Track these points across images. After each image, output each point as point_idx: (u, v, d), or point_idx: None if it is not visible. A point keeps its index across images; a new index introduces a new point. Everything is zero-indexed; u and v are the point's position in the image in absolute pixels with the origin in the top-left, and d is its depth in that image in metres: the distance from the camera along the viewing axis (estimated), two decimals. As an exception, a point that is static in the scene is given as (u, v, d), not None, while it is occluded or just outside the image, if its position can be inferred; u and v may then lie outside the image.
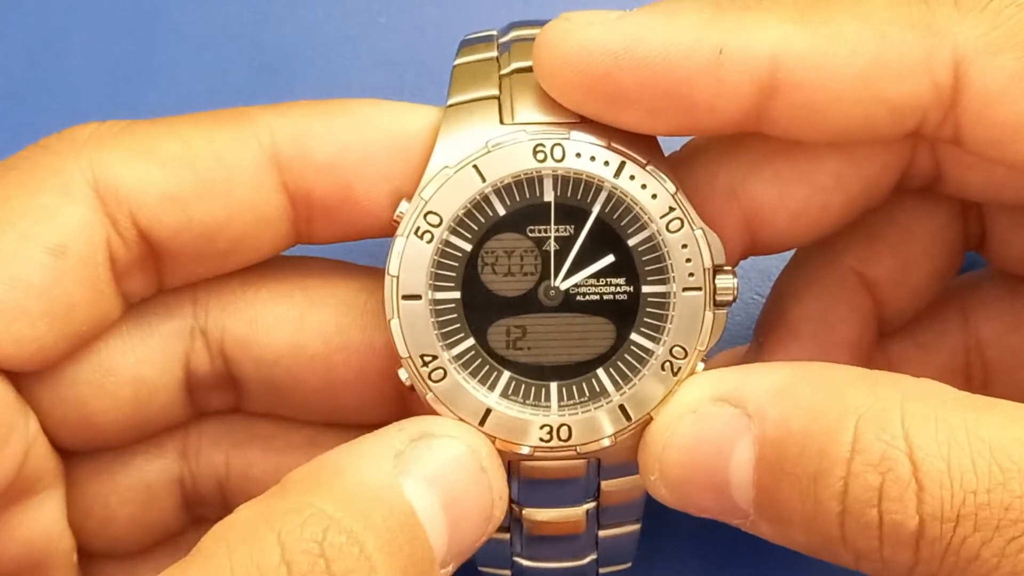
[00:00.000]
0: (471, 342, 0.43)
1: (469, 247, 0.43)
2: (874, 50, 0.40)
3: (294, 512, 0.37)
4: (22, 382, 0.43)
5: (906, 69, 0.40)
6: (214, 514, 0.49)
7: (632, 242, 0.43)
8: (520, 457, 0.42)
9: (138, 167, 0.43)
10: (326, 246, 0.46)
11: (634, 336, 0.43)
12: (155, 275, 0.45)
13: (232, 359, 0.46)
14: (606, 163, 0.42)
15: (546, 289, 0.43)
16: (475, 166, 0.42)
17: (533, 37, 0.42)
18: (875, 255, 0.48)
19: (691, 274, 0.43)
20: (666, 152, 0.44)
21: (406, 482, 0.39)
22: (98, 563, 0.47)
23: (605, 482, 0.44)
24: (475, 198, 0.42)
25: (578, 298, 0.43)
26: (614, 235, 0.43)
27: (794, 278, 0.50)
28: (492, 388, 0.43)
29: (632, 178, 0.42)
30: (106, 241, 0.43)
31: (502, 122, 0.43)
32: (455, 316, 0.43)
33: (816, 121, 0.41)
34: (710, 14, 0.40)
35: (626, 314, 0.43)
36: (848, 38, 0.40)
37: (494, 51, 0.44)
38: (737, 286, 0.43)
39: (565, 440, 0.42)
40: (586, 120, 0.42)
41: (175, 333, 0.46)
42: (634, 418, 0.42)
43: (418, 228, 0.42)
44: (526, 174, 0.42)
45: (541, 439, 0.42)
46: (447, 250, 0.42)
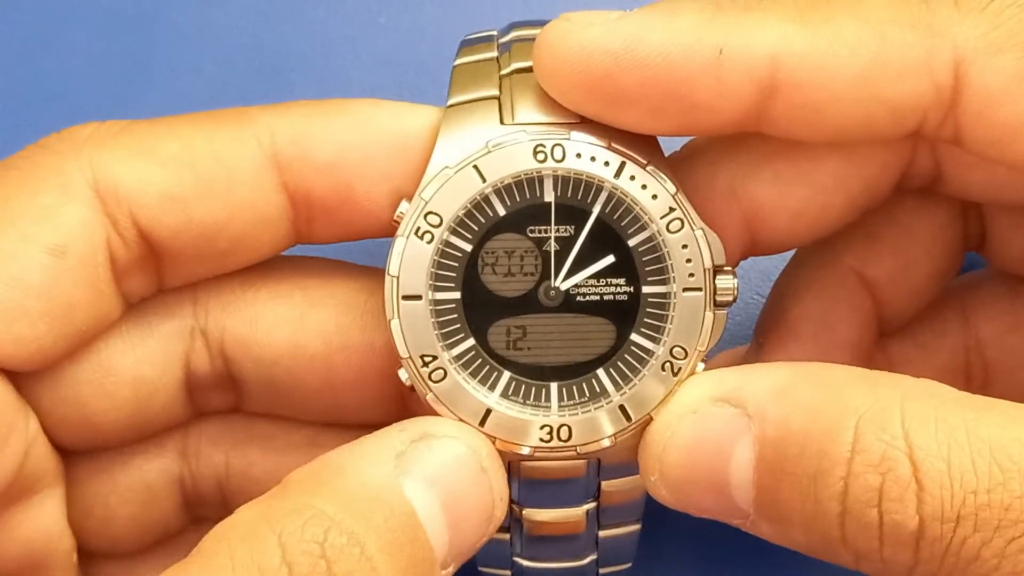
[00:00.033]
0: (471, 342, 0.43)
1: (469, 247, 0.43)
2: (874, 50, 0.40)
3: (295, 513, 0.37)
4: (22, 382, 0.43)
5: (906, 69, 0.40)
6: (214, 514, 0.49)
7: (632, 242, 0.43)
8: (520, 457, 0.42)
9: (138, 167, 0.43)
10: (326, 246, 0.46)
11: (634, 336, 0.43)
12: (155, 275, 0.45)
13: (232, 359, 0.46)
14: (606, 163, 0.42)
15: (546, 289, 0.43)
16: (475, 166, 0.42)
17: (533, 37, 0.42)
18: (875, 255, 0.48)
19: (691, 274, 0.42)
20: (666, 152, 0.44)
21: (407, 483, 0.39)
22: (98, 563, 0.47)
23: (605, 482, 0.44)
24: (475, 198, 0.42)
25: (578, 298, 0.43)
26: (614, 235, 0.43)
27: (794, 278, 0.50)
28: (492, 388, 0.43)
29: (632, 178, 0.42)
30: (106, 241, 0.43)
31: (502, 122, 0.43)
32: (455, 316, 0.43)
33: (816, 121, 0.41)
34: (710, 14, 0.40)
35: (626, 314, 0.43)
36: (848, 38, 0.40)
37: (494, 51, 0.44)
38: (737, 286, 0.43)
39: (565, 440, 0.42)
40: (586, 120, 0.42)
41: (175, 333, 0.46)
42: (634, 418, 0.42)
43: (418, 228, 0.42)
44: (526, 174, 0.42)
45: (541, 439, 0.42)
46: (447, 250, 0.42)
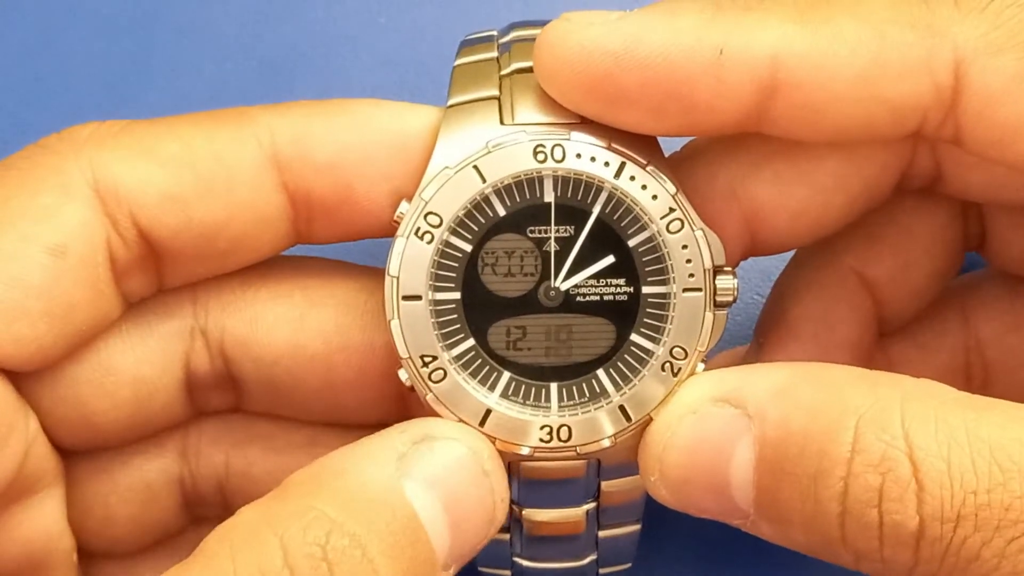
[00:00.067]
0: (471, 343, 0.43)
1: (469, 248, 0.43)
2: (874, 50, 0.40)
3: (297, 515, 0.37)
4: (22, 382, 0.43)
5: (906, 69, 0.40)
6: (214, 514, 0.49)
7: (632, 243, 0.43)
8: (520, 458, 0.42)
9: (138, 167, 0.43)
10: (326, 246, 0.46)
11: (634, 337, 0.43)
12: (155, 275, 0.45)
13: (232, 359, 0.46)
14: (606, 164, 0.42)
15: (546, 290, 0.43)
16: (475, 166, 0.42)
17: (533, 37, 0.42)
18: (875, 255, 0.48)
19: (691, 275, 0.42)
20: (666, 152, 0.44)
21: (408, 485, 0.39)
22: (98, 562, 0.47)
23: (605, 482, 0.44)
24: (475, 198, 0.42)
25: (578, 299, 0.43)
26: (614, 236, 0.43)
27: (794, 278, 0.50)
28: (492, 389, 0.43)
29: (632, 179, 0.42)
30: (106, 241, 0.43)
31: (502, 122, 0.43)
32: (455, 317, 0.43)
33: (816, 121, 0.41)
34: (710, 14, 0.40)
35: (626, 315, 0.43)
36: (848, 38, 0.40)
37: (494, 51, 0.44)
38: (737, 287, 0.43)
39: (565, 441, 0.42)
40: (586, 121, 0.42)
41: (175, 333, 0.46)
42: (634, 419, 0.42)
43: (418, 228, 0.42)
44: (526, 175, 0.42)
45: (541, 440, 0.42)
46: (447, 250, 0.42)
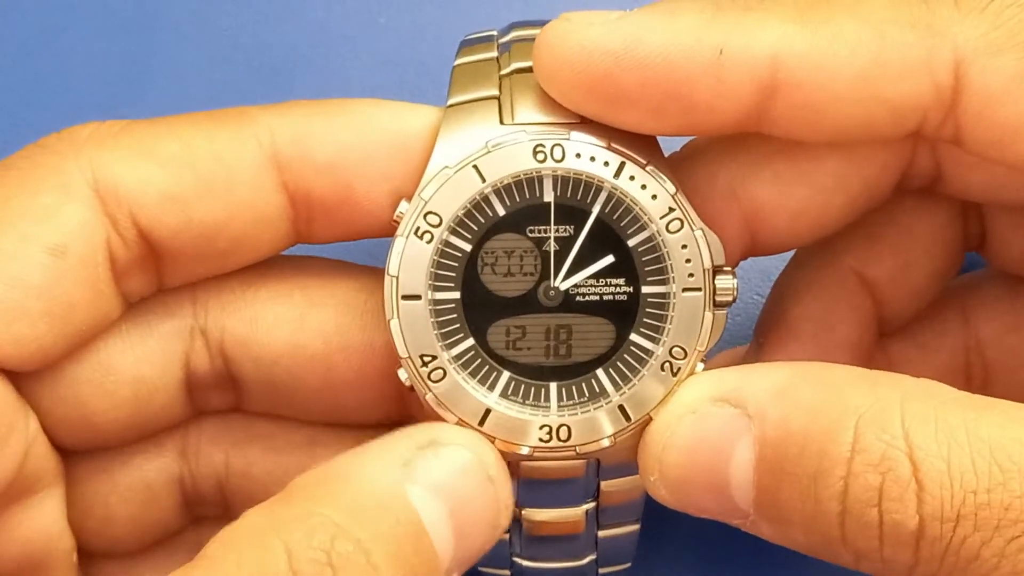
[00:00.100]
0: (471, 342, 0.43)
1: (469, 247, 0.43)
2: (874, 50, 0.40)
3: (301, 520, 0.36)
4: (22, 382, 0.43)
5: (906, 69, 0.40)
6: (214, 513, 0.49)
7: (632, 242, 0.43)
8: (520, 457, 0.42)
9: (138, 167, 0.43)
10: (326, 246, 0.46)
11: (634, 336, 0.43)
12: (155, 275, 0.45)
13: (232, 359, 0.46)
14: (606, 163, 0.42)
15: (546, 289, 0.43)
16: (475, 166, 0.42)
17: (533, 37, 0.42)
18: (875, 255, 0.48)
19: (691, 275, 0.42)
20: (666, 152, 0.44)
21: (413, 490, 0.39)
22: (98, 562, 0.47)
23: (605, 482, 0.44)
24: (475, 198, 0.42)
25: (578, 298, 0.43)
26: (614, 235, 0.43)
27: (794, 278, 0.50)
28: (492, 388, 0.43)
29: (632, 178, 0.42)
30: (106, 241, 0.43)
31: (502, 122, 0.43)
32: (455, 316, 0.42)
33: (816, 121, 0.41)
34: (710, 14, 0.40)
35: (626, 314, 0.43)
36: (848, 38, 0.40)
37: (494, 51, 0.44)
38: (737, 286, 0.43)
39: (564, 440, 0.42)
40: (586, 120, 0.42)
41: (175, 332, 0.46)
42: (634, 418, 0.42)
43: (418, 228, 0.42)
44: (526, 174, 0.42)
45: (540, 439, 0.42)
46: (447, 250, 0.42)
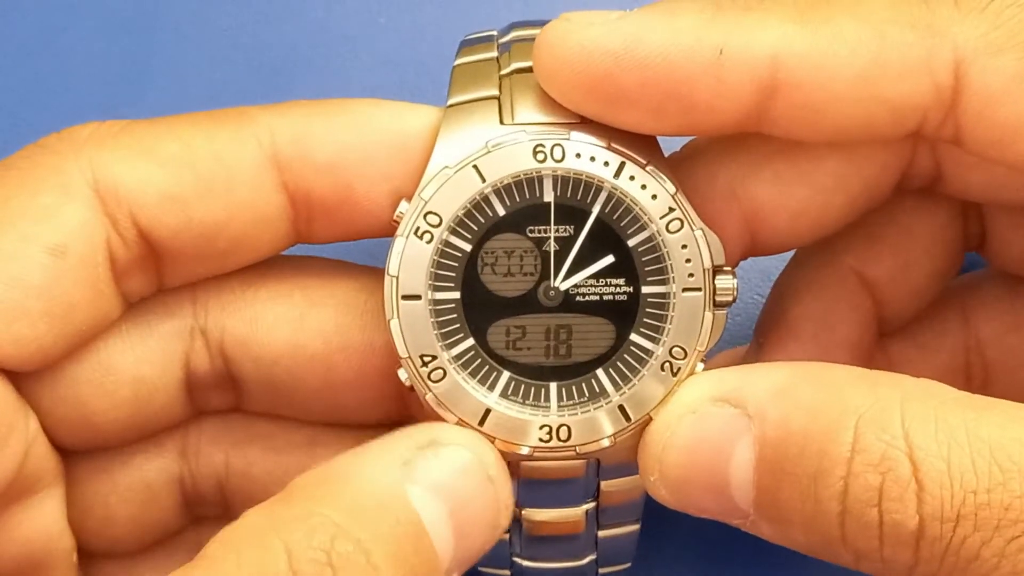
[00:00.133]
0: (471, 342, 0.43)
1: (469, 247, 0.43)
2: (874, 50, 0.40)
3: (301, 520, 0.36)
4: (22, 382, 0.43)
5: (906, 69, 0.40)
6: (214, 513, 0.49)
7: (632, 242, 0.43)
8: (520, 457, 0.42)
9: (138, 167, 0.43)
10: (326, 246, 0.46)
11: (634, 336, 0.43)
12: (155, 275, 0.45)
13: (232, 358, 0.46)
14: (606, 163, 0.42)
15: (546, 289, 0.43)
16: (475, 166, 0.42)
17: (533, 37, 0.42)
18: (875, 255, 0.48)
19: (691, 274, 0.42)
20: (666, 152, 0.44)
21: (413, 490, 0.39)
22: (98, 562, 0.47)
23: (605, 482, 0.44)
24: (475, 198, 0.42)
25: (578, 298, 0.43)
26: (614, 235, 0.43)
27: (794, 278, 0.50)
28: (492, 388, 0.43)
29: (632, 178, 0.42)
30: (106, 241, 0.43)
31: (502, 122, 0.43)
32: (455, 316, 0.42)
33: (816, 121, 0.41)
34: (710, 14, 0.40)
35: (626, 314, 0.43)
36: (848, 38, 0.40)
37: (494, 51, 0.44)
38: (737, 286, 0.43)
39: (564, 440, 0.42)
40: (586, 120, 0.42)
41: (175, 332, 0.46)
42: (634, 418, 0.42)
43: (418, 228, 0.42)
44: (526, 174, 0.42)
45: (540, 439, 0.42)
46: (447, 250, 0.42)
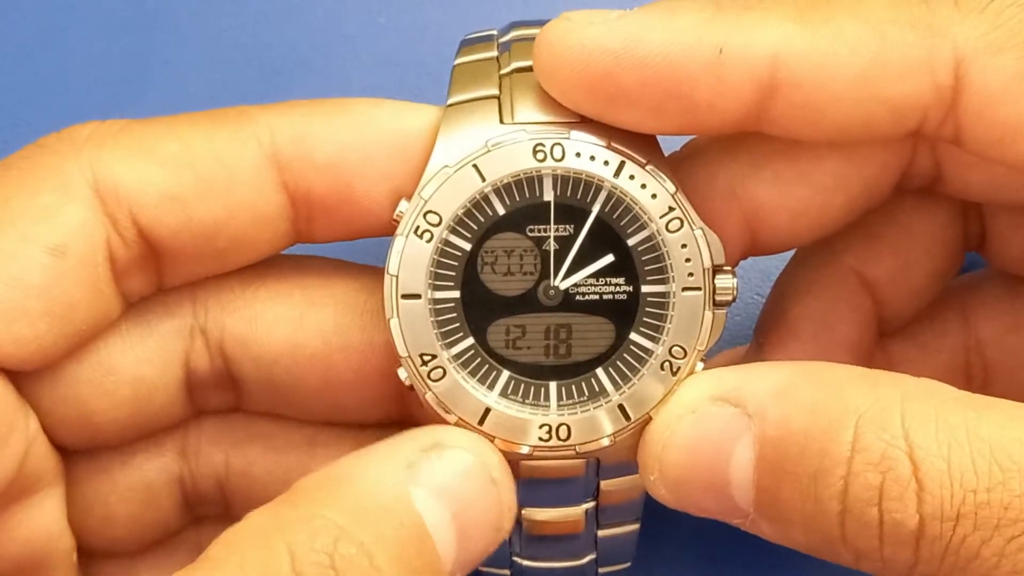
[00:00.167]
0: (470, 341, 0.43)
1: (469, 246, 0.43)
2: (874, 50, 0.40)
3: (305, 522, 0.37)
4: (22, 381, 0.43)
5: (906, 69, 0.40)
6: (214, 513, 0.49)
7: (632, 242, 0.43)
8: (519, 456, 0.42)
9: (138, 167, 0.43)
10: (326, 245, 0.46)
11: (633, 336, 0.43)
12: (155, 274, 0.45)
13: (231, 358, 0.46)
14: (606, 163, 0.42)
15: (545, 289, 0.43)
16: (475, 165, 0.42)
17: (533, 37, 0.42)
18: (875, 255, 0.48)
19: (691, 274, 0.42)
20: (666, 152, 0.44)
21: (416, 493, 0.39)
22: (98, 562, 0.47)
23: (604, 482, 0.44)
24: (475, 197, 0.42)
25: (577, 298, 0.43)
26: (614, 235, 0.43)
27: (794, 278, 0.50)
28: (491, 387, 0.43)
29: (632, 178, 0.42)
30: (106, 241, 0.43)
31: (502, 121, 0.43)
32: (454, 315, 0.42)
33: (816, 121, 0.41)
34: (710, 13, 0.40)
35: (625, 314, 0.43)
36: (848, 38, 0.40)
37: (494, 51, 0.44)
38: (737, 286, 0.43)
39: (564, 439, 0.42)
40: (586, 120, 0.42)
41: (175, 332, 0.45)
42: (633, 418, 0.42)
43: (418, 227, 0.42)
44: (526, 173, 0.42)
45: (540, 438, 0.42)
46: (447, 249, 0.42)
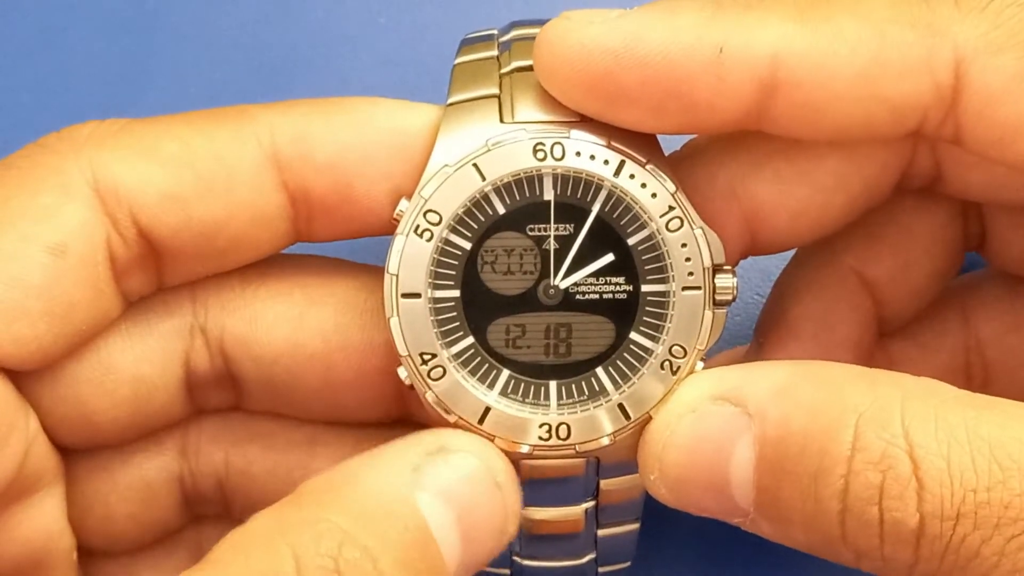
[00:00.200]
0: (470, 340, 0.43)
1: (469, 245, 0.43)
2: (874, 49, 0.40)
3: (309, 525, 0.36)
4: (22, 381, 0.43)
5: (907, 68, 0.40)
6: (214, 512, 0.49)
7: (632, 241, 0.43)
8: (519, 456, 0.42)
9: (138, 166, 0.43)
10: (326, 244, 0.46)
11: (633, 335, 0.43)
12: (155, 274, 0.45)
13: (231, 357, 0.46)
14: (606, 162, 0.42)
15: (545, 288, 0.43)
16: (475, 164, 0.42)
17: (534, 36, 0.42)
18: (875, 255, 0.48)
19: (690, 273, 0.42)
20: (666, 151, 0.44)
21: (421, 497, 0.38)
22: (98, 561, 0.47)
23: (604, 481, 0.44)
24: (475, 196, 0.42)
25: (577, 297, 0.43)
26: (614, 234, 0.43)
27: (794, 278, 0.50)
28: (491, 387, 0.43)
29: (632, 177, 0.42)
30: (106, 240, 0.43)
31: (502, 121, 0.43)
32: (454, 314, 0.42)
33: (816, 120, 0.41)
34: (711, 13, 0.40)
35: (625, 313, 0.43)
36: (848, 37, 0.40)
37: (495, 50, 0.44)
38: (737, 285, 0.43)
39: (564, 439, 0.42)
40: (586, 119, 0.42)
41: (175, 331, 0.45)
42: (633, 417, 0.42)
43: (418, 226, 0.42)
44: (526, 173, 0.42)
45: (540, 438, 0.42)
46: (447, 248, 0.42)
